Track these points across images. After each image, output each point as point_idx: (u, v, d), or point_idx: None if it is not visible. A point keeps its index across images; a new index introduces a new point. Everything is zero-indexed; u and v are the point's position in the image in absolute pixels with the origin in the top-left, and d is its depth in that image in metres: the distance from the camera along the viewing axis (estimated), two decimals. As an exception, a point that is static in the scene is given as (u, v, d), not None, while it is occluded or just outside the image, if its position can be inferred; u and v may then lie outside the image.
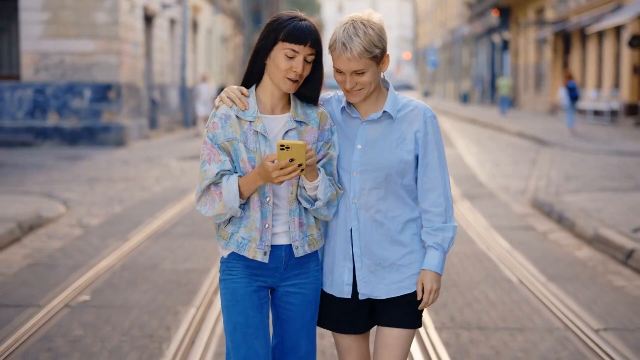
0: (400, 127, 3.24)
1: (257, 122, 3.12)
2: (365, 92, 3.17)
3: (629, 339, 5.63)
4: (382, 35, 3.15)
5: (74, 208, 10.99)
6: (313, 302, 3.26)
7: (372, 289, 3.25)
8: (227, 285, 3.19)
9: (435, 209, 3.24)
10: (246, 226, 3.15)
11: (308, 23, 3.11)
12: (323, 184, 3.12)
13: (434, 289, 3.20)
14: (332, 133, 3.26)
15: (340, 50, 3.09)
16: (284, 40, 3.07)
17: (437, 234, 3.23)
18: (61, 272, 7.40)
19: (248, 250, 3.14)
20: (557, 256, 8.35)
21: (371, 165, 3.20)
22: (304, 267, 3.23)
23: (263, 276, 3.19)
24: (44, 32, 20.17)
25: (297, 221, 3.17)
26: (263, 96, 3.19)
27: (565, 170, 15.76)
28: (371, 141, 3.22)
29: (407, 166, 3.23)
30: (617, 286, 7.15)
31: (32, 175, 14.47)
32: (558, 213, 10.38)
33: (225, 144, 3.13)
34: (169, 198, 11.93)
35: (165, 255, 8.06)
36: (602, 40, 31.23)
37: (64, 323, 5.86)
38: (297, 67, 3.07)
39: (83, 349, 5.32)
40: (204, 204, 3.14)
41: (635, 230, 8.84)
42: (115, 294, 6.66)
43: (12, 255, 8.15)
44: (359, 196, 3.22)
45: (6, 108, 20.23)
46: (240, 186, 3.07)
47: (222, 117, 3.14)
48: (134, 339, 5.51)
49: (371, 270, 3.24)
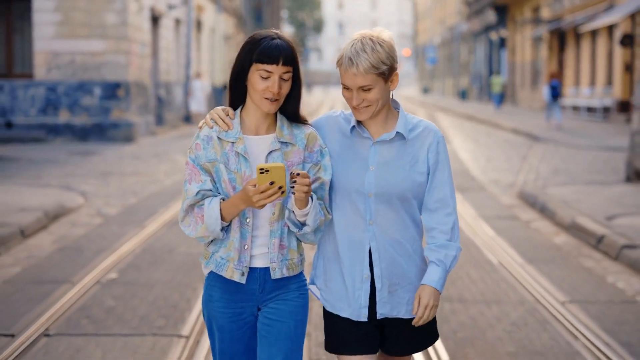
0: (412, 149, 3.22)
1: (239, 143, 3.12)
2: (372, 110, 3.15)
3: (590, 310, 6.46)
4: (391, 53, 3.12)
5: (92, 199, 11.82)
6: (292, 318, 3.20)
7: (390, 309, 3.23)
8: (205, 312, 3.24)
9: (440, 227, 3.22)
10: (225, 246, 3.15)
11: (280, 41, 3.09)
12: (314, 211, 3.09)
13: (431, 304, 3.16)
14: (322, 155, 3.21)
15: (347, 66, 3.08)
16: (257, 62, 3.07)
17: (440, 250, 3.20)
18: (88, 255, 8.23)
19: (226, 270, 3.14)
20: (536, 242, 9.19)
21: (386, 187, 3.18)
22: (283, 288, 3.20)
23: (241, 301, 3.19)
24: (56, 32, 20.96)
25: (278, 243, 3.15)
26: (247, 117, 3.18)
27: (555, 165, 16.56)
28: (384, 163, 3.20)
29: (420, 187, 3.22)
30: (586, 267, 7.98)
31: (48, 169, 15.26)
32: (541, 204, 11.21)
33: (207, 165, 3.14)
34: (179, 190, 12.73)
35: (179, 241, 8.88)
36: (595, 38, 31.95)
37: (97, 296, 6.71)
38: (272, 87, 3.06)
39: (117, 316, 6.16)
40: (187, 224, 3.16)
41: (608, 218, 9.67)
42: (139, 273, 7.50)
43: (41, 241, 8.99)
44: (376, 217, 3.19)
45: (20, 105, 21.05)
46: (222, 210, 3.07)
47: (204, 139, 3.15)
48: (160, 309, 6.35)
49: (390, 290, 3.22)
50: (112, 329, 5.87)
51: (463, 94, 55.45)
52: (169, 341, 5.58)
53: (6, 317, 6.10)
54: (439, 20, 74.15)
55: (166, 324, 5.96)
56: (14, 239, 8.70)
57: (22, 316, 6.10)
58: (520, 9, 43.60)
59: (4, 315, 6.15)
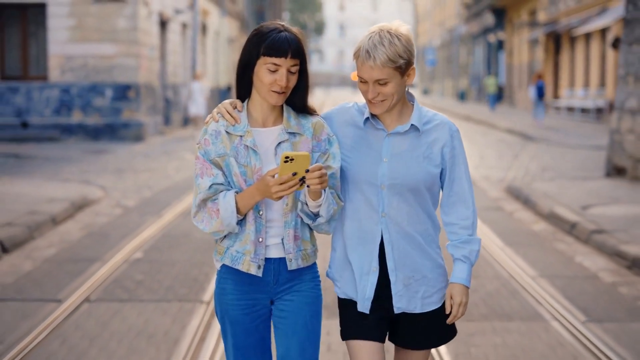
0: (426, 141, 3.19)
1: (247, 137, 3.10)
2: (387, 104, 3.11)
3: (556, 283, 7.43)
4: (409, 47, 3.08)
5: (110, 193, 12.78)
6: (308, 308, 3.19)
7: (407, 303, 3.21)
8: (218, 299, 3.22)
9: (462, 222, 3.22)
10: (241, 240, 3.13)
11: (288, 34, 3.06)
12: (327, 202, 3.06)
13: (464, 302, 3.18)
14: (330, 144, 3.19)
15: (364, 58, 3.04)
16: (265, 55, 3.03)
17: (464, 246, 3.21)
18: (114, 239, 9.21)
19: (242, 264, 3.12)
20: (517, 229, 10.15)
21: (400, 179, 3.15)
22: (297, 279, 3.19)
23: (254, 292, 3.17)
24: (70, 37, 21.96)
25: (292, 234, 3.13)
26: (253, 110, 3.16)
27: (544, 163, 17.50)
28: (398, 154, 3.17)
29: (434, 180, 3.20)
30: (559, 249, 8.95)
31: (64, 166, 16.19)
32: (525, 196, 12.18)
33: (217, 159, 3.12)
34: (189, 185, 13.69)
35: (194, 228, 9.82)
36: (589, 41, 32.85)
37: (127, 272, 7.68)
38: (280, 80, 3.03)
39: (146, 287, 7.14)
40: (200, 220, 3.13)
41: (583, 208, 10.65)
42: (161, 253, 8.47)
43: (70, 228, 9.96)
44: (388, 209, 3.16)
45: (35, 106, 22.04)
46: (237, 202, 3.04)
47: (212, 134, 3.13)
48: (183, 281, 7.33)
49: (405, 283, 3.19)
50: (143, 296, 6.85)
51: (462, 95, 56.31)
52: (192, 305, 6.56)
53: (52, 287, 7.09)
54: (438, 23, 74.85)
55: (189, 293, 6.94)
56: (46, 226, 9.67)
57: (65, 286, 7.09)
58: (518, 12, 44.40)
59: (50, 285, 7.14)
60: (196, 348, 5.49)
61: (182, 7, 28.08)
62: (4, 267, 7.84)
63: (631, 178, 13.11)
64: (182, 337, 5.74)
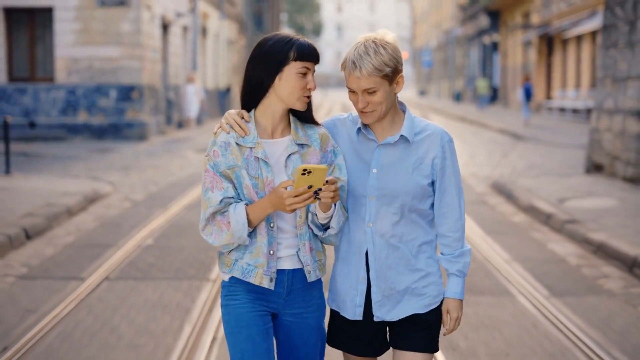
0: (417, 152, 3.19)
1: (258, 148, 3.06)
2: (377, 114, 3.13)
3: (527, 265, 8.24)
4: (395, 55, 3.09)
5: (119, 188, 13.59)
6: (316, 330, 3.21)
7: (386, 312, 3.22)
8: (230, 310, 3.13)
9: (453, 234, 3.22)
10: (252, 252, 3.09)
11: (309, 41, 3.10)
12: (337, 215, 3.07)
13: (460, 316, 3.21)
14: (335, 155, 3.18)
15: (351, 69, 3.06)
16: (297, 60, 3.02)
17: (458, 260, 3.22)
18: (125, 228, 10.02)
19: (254, 277, 3.09)
20: (498, 220, 10.97)
21: (388, 190, 3.16)
22: (307, 294, 3.18)
23: (266, 300, 3.14)
24: (76, 40, 22.80)
25: (308, 245, 3.12)
26: (262, 120, 3.13)
27: (531, 161, 18.24)
28: (387, 165, 3.17)
29: (423, 191, 3.19)
30: (534, 237, 9.77)
31: (72, 164, 16.95)
32: (508, 191, 12.99)
33: (227, 171, 3.07)
34: (193, 181, 14.51)
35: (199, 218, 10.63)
36: (580, 43, 33.61)
37: (140, 255, 8.49)
38: (311, 83, 3.06)
39: (158, 268, 7.95)
40: (209, 233, 3.08)
41: (560, 200, 11.47)
42: (169, 240, 9.28)
43: (84, 219, 10.77)
44: (375, 220, 3.17)
45: (42, 107, 22.87)
46: (248, 214, 3.01)
47: (221, 145, 3.08)
48: (191, 264, 8.14)
49: (385, 294, 3.21)
50: (156, 275, 7.67)
51: (457, 96, 57.06)
52: (200, 283, 7.38)
53: (74, 268, 7.91)
54: (435, 24, 75.38)
55: (197, 273, 7.76)
56: (62, 216, 10.49)
57: (85, 267, 7.91)
58: (512, 14, 45.01)
59: (72, 267, 7.96)
60: (205, 317, 6.30)
61: (183, 11, 28.91)
62: (29, 252, 8.66)
63: (608, 174, 13.92)
64: (193, 308, 6.56)
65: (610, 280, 7.68)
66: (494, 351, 5.70)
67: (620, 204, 11.18)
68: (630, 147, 13.14)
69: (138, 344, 5.72)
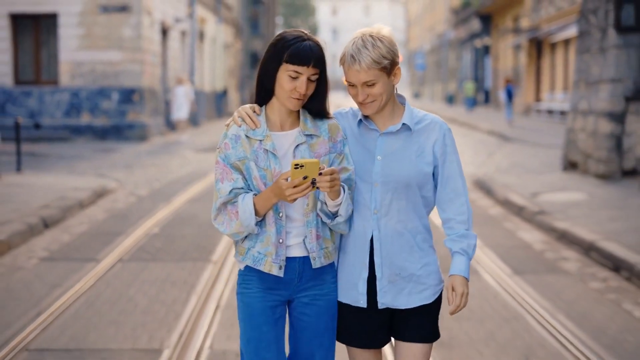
0: (418, 140, 3.26)
1: (267, 141, 3.15)
2: (377, 105, 3.19)
3: (496, 250, 9.17)
4: (392, 47, 3.16)
5: (124, 184, 14.50)
6: (328, 313, 3.28)
7: (392, 299, 3.27)
8: (244, 299, 3.25)
9: (458, 217, 3.28)
10: (262, 241, 3.19)
11: (311, 43, 3.12)
12: (346, 202, 3.14)
13: (465, 292, 3.24)
14: (344, 145, 3.25)
15: (350, 63, 3.13)
16: (288, 62, 3.08)
17: (462, 240, 3.27)
18: (133, 219, 10.94)
19: (264, 265, 3.18)
20: (475, 212, 11.89)
21: (393, 177, 3.22)
22: (319, 279, 3.26)
23: (278, 289, 3.23)
24: (79, 44, 23.74)
25: (315, 233, 3.20)
26: (272, 114, 3.22)
27: (515, 160, 19.06)
28: (391, 153, 3.24)
29: (426, 178, 3.26)
30: (506, 227, 10.71)
31: (77, 163, 17.84)
32: (487, 187, 13.93)
33: (237, 163, 3.17)
34: (193, 178, 15.43)
35: (200, 211, 11.56)
36: (567, 47, 34.47)
37: (148, 242, 9.42)
38: (300, 87, 3.09)
39: (165, 252, 8.88)
40: (221, 222, 3.20)
41: (533, 195, 12.42)
42: (174, 229, 10.21)
43: (95, 211, 11.70)
44: (380, 206, 3.23)
45: (47, 109, 23.80)
46: (255, 204, 3.11)
47: (232, 138, 3.18)
48: (194, 248, 9.07)
49: (391, 280, 3.25)
50: (164, 258, 8.60)
51: (450, 99, 57.89)
52: (203, 263, 8.31)
53: (89, 252, 8.85)
54: (428, 28, 75.92)
55: (200, 255, 8.70)
56: (75, 208, 11.42)
57: (99, 251, 8.84)
58: (503, 18, 45.58)
59: (88, 251, 8.90)
60: (209, 290, 7.23)
61: (182, 16, 29.86)
62: (48, 239, 9.59)
63: (582, 171, 14.85)
64: (198, 283, 7.49)
65: (568, 262, 8.63)
66: (457, 316, 6.62)
67: (589, 198, 12.12)
68: (601, 146, 14.08)
69: (152, 310, 6.65)
